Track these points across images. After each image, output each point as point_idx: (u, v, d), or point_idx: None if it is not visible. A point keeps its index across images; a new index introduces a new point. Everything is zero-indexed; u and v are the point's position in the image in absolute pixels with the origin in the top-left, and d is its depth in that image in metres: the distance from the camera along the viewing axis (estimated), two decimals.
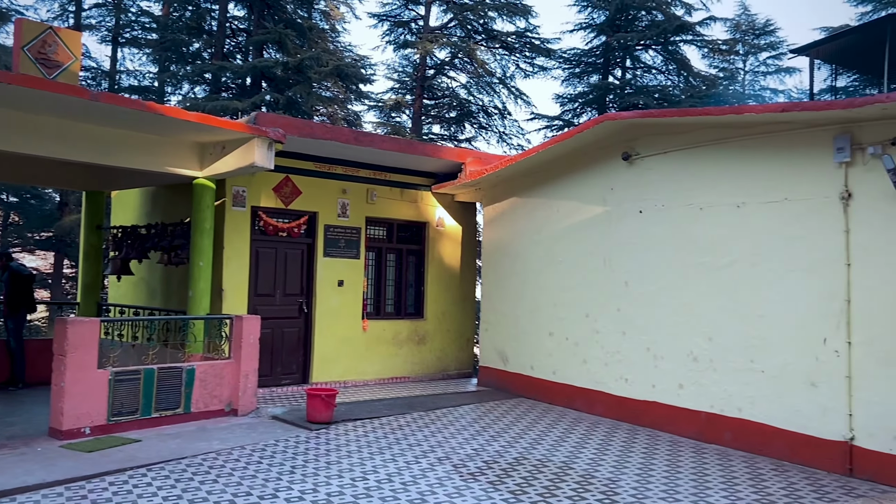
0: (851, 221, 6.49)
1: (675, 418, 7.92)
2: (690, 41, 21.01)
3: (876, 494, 5.67)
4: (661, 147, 8.48)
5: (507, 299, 10.94)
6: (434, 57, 20.55)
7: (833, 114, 6.41)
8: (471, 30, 20.60)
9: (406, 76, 21.55)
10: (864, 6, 22.95)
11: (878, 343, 6.15)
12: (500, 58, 21.20)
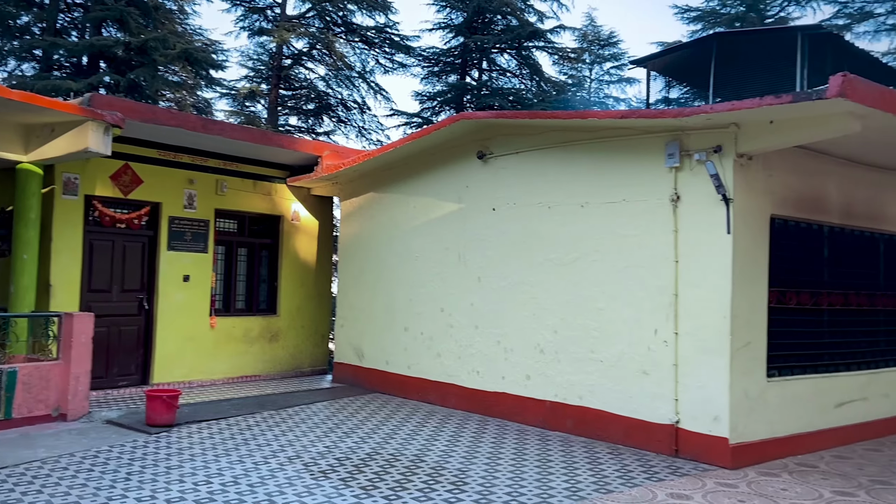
0: (680, 222, 7.04)
1: (523, 408, 8.24)
2: (542, 47, 21.96)
3: (698, 473, 6.20)
4: (513, 147, 8.77)
5: (364, 295, 10.88)
6: (291, 46, 20.02)
7: (665, 122, 6.92)
8: (330, 21, 20.28)
9: (262, 64, 20.82)
10: (695, 24, 25.11)
11: (700, 333, 6.73)
12: (359, 52, 21.04)
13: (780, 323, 7.03)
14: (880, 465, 6.60)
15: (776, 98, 5.83)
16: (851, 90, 5.35)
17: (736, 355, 6.52)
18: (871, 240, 8.19)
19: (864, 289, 8.04)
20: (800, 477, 6.10)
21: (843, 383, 7.61)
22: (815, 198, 7.45)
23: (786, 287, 7.17)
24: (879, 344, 8.18)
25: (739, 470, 6.28)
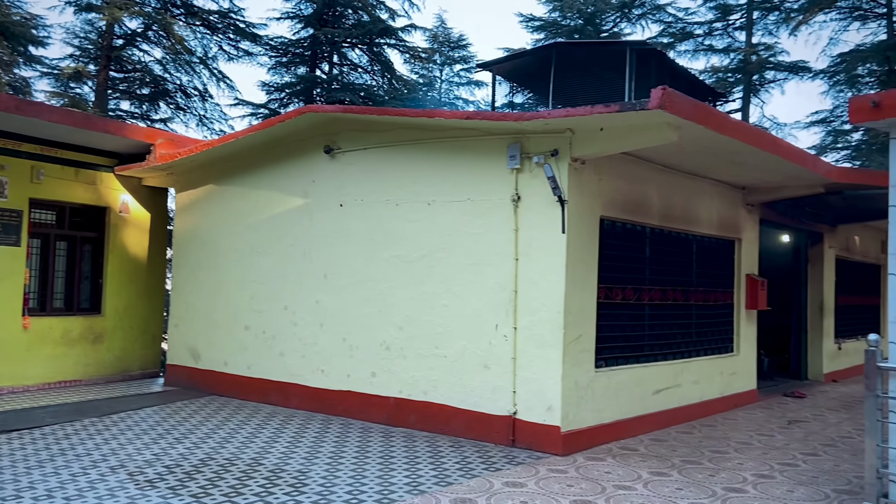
0: (520, 221, 7.32)
1: (368, 405, 8.20)
2: (394, 45, 22.02)
3: (532, 461, 6.48)
4: (362, 143, 8.70)
5: (201, 292, 10.33)
6: (124, 26, 18.59)
7: (507, 125, 7.17)
8: (168, 2, 19.06)
9: (89, 43, 19.15)
10: (539, 33, 26.33)
11: (536, 328, 7.04)
12: (201, 36, 19.96)
13: (607, 317, 7.53)
14: (691, 446, 7.26)
15: (605, 107, 6.22)
16: (670, 103, 5.82)
17: (568, 348, 6.89)
18: (685, 240, 8.97)
19: (679, 285, 8.81)
20: (622, 460, 6.56)
21: (661, 372, 8.30)
22: (639, 201, 8.04)
23: (613, 284, 7.69)
24: (692, 335, 8.99)
25: (570, 456, 6.65)
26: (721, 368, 9.47)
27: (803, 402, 10.28)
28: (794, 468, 6.44)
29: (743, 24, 26.66)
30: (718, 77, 26.70)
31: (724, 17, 26.86)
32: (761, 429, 8.22)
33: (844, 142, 27.66)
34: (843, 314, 13.31)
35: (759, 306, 10.00)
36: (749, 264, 10.13)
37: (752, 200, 10.06)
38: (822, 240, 12.72)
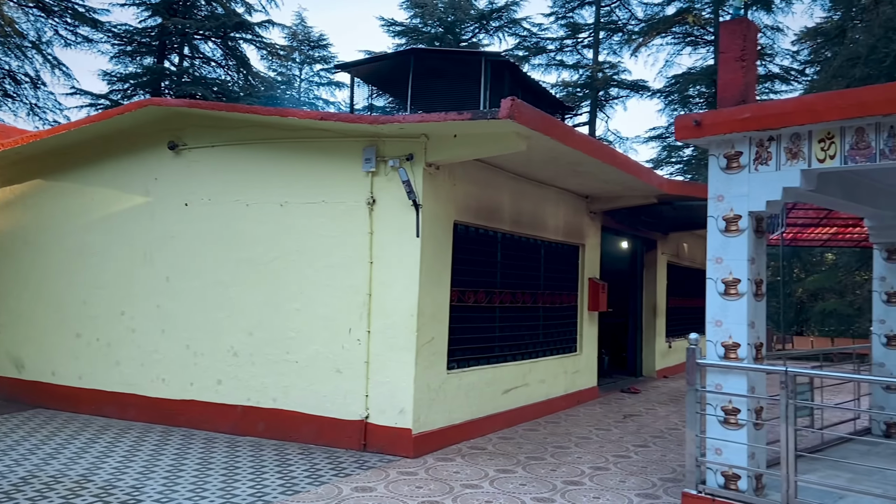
0: (375, 224, 7.31)
1: (213, 415, 7.84)
2: (250, 40, 21.31)
3: (383, 464, 6.48)
4: (210, 140, 8.32)
5: (25, 296, 9.43)
6: None
7: (362, 127, 7.14)
8: None
9: None
10: (400, 38, 26.51)
11: (390, 331, 7.06)
12: (34, 19, 18.28)
13: (460, 319, 7.70)
14: (536, 442, 7.58)
15: (458, 114, 6.37)
16: (518, 113, 6.05)
17: (421, 351, 6.96)
18: (534, 245, 9.37)
19: (528, 288, 9.18)
20: (471, 459, 6.73)
21: (510, 372, 8.60)
22: (492, 207, 8.30)
23: (466, 287, 7.87)
24: (539, 336, 9.41)
25: (420, 458, 6.72)
26: (565, 367, 9.97)
27: (638, 397, 11.06)
28: (627, 459, 6.90)
29: (591, 42, 28.34)
30: (569, 91, 28.20)
31: (574, 35, 28.45)
32: (600, 423, 8.75)
33: (677, 157, 30.17)
34: (673, 315, 14.47)
35: (601, 308, 10.65)
36: (591, 268, 10.76)
37: (594, 208, 10.70)
38: (656, 246, 13.77)
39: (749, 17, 29.02)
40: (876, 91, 4.74)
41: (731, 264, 5.40)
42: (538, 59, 28.87)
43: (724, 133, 5.39)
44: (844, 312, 25.94)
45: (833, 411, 7.84)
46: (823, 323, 27.32)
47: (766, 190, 5.28)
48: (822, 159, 5.03)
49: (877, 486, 5.41)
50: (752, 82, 5.63)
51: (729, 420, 5.27)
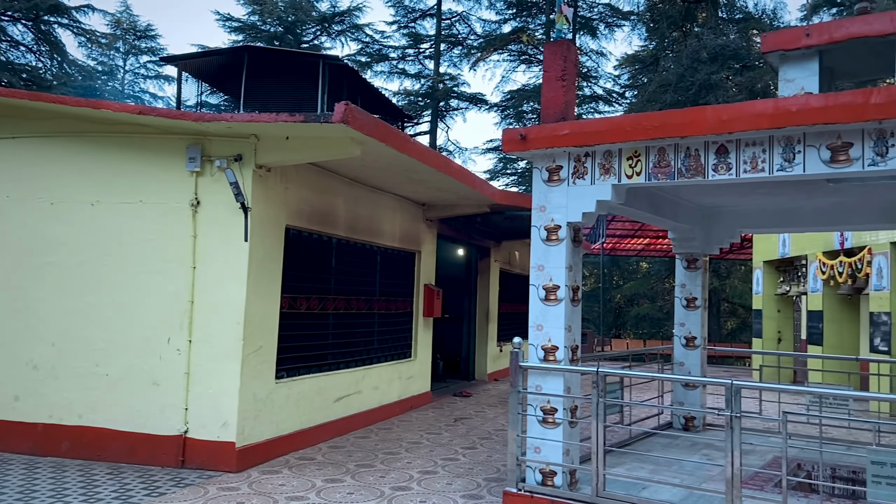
0: (199, 227, 6.93)
1: (8, 434, 7.03)
2: (66, 25, 19.54)
3: (203, 481, 6.13)
4: (9, 131, 7.49)
5: None
6: None
7: (186, 124, 6.74)
8: None
9: None
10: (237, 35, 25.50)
11: (214, 340, 6.71)
12: None
13: (290, 327, 7.49)
14: (366, 450, 7.54)
15: (290, 116, 6.20)
16: (352, 118, 6.01)
17: (247, 360, 6.69)
18: (370, 252, 9.36)
19: (363, 295, 9.14)
20: (298, 471, 6.55)
21: (343, 380, 8.50)
22: (327, 212, 8.17)
23: (298, 293, 7.68)
24: (373, 343, 9.39)
25: (244, 472, 6.44)
26: (400, 373, 10.04)
27: (469, 400, 11.38)
28: (455, 462, 7.06)
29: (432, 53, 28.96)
30: (410, 100, 28.61)
31: (416, 45, 28.94)
32: (431, 428, 8.89)
33: (513, 168, 31.61)
34: (505, 320, 15.08)
35: (435, 314, 10.84)
36: (427, 275, 10.93)
37: (431, 216, 10.88)
38: (490, 254, 14.29)
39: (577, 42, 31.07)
40: (674, 115, 5.21)
41: (552, 271, 5.70)
42: (381, 66, 29.05)
43: (546, 147, 5.68)
44: (655, 316, 28.46)
45: (641, 407, 8.52)
46: (638, 326, 29.79)
47: (582, 202, 5.64)
48: (630, 175, 5.45)
49: (675, 476, 5.94)
50: (572, 101, 5.98)
51: (547, 419, 5.54)
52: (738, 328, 28.45)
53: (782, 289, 15.92)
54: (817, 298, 13.60)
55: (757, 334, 16.65)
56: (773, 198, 7.45)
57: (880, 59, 5.38)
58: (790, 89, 5.66)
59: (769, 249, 15.81)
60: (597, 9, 31.76)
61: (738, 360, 22.38)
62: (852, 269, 12.13)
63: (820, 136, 4.73)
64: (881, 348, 11.26)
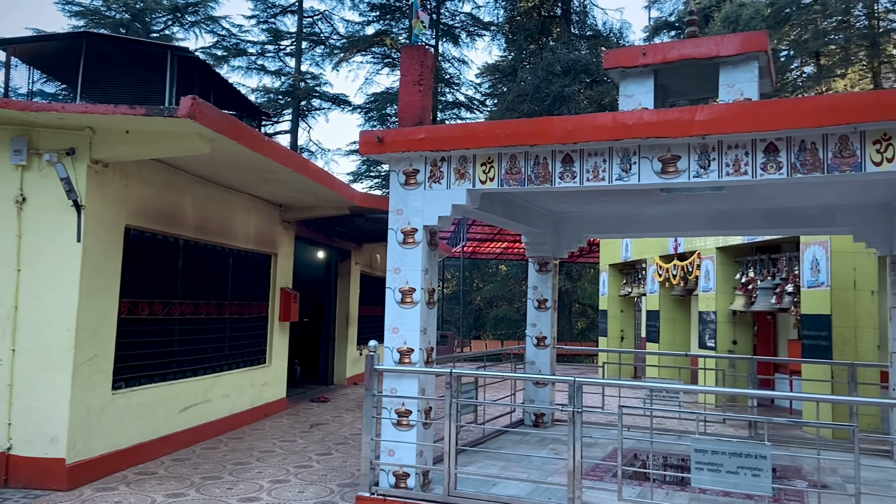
0: (25, 226, 6.33)
1: None
2: None
3: (28, 501, 5.59)
4: None
5: None
6: None
7: (11, 114, 6.12)
8: None
9: None
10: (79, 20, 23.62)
11: (41, 349, 6.14)
12: None
13: (130, 334, 7.01)
14: (214, 461, 7.20)
15: (130, 108, 5.82)
16: (200, 113, 5.72)
17: (79, 370, 6.18)
18: (222, 254, 8.96)
19: (214, 299, 8.73)
20: (137, 487, 6.13)
21: (190, 388, 8.07)
22: (173, 212, 7.73)
23: (139, 298, 7.20)
24: (225, 349, 9.00)
25: (76, 490, 5.93)
26: (253, 380, 9.69)
27: (326, 405, 11.20)
28: (309, 469, 6.91)
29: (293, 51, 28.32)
30: (270, 97, 27.83)
31: (276, 42, 28.18)
32: (285, 435, 8.65)
33: (376, 171, 31.56)
34: (365, 323, 15.00)
35: (292, 318, 10.58)
36: (284, 278, 10.64)
37: (288, 217, 10.61)
38: (351, 257, 14.16)
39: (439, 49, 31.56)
40: (525, 124, 5.41)
41: (408, 274, 5.72)
42: (238, 61, 28.04)
43: (403, 151, 5.71)
44: (513, 317, 29.49)
45: (496, 406, 8.76)
46: (497, 327, 30.73)
47: (438, 206, 5.71)
48: (484, 181, 5.59)
49: (523, 471, 6.16)
50: (429, 105, 6.05)
51: (401, 422, 5.55)
52: (587, 328, 30.10)
53: (625, 290, 17.02)
54: (655, 299, 14.67)
55: (603, 333, 17.69)
56: (615, 205, 7.93)
57: (707, 79, 5.86)
58: (629, 104, 6.03)
59: (614, 254, 16.86)
60: (459, 17, 32.50)
61: (587, 358, 23.70)
62: (684, 271, 13.19)
63: (653, 148, 5.09)
64: (709, 344, 12.34)
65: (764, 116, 4.68)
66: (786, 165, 4.76)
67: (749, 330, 12.57)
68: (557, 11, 31.22)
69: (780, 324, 12.57)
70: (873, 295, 9.25)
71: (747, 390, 7.89)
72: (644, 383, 8.25)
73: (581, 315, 31.57)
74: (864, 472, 6.26)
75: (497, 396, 9.76)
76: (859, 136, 4.57)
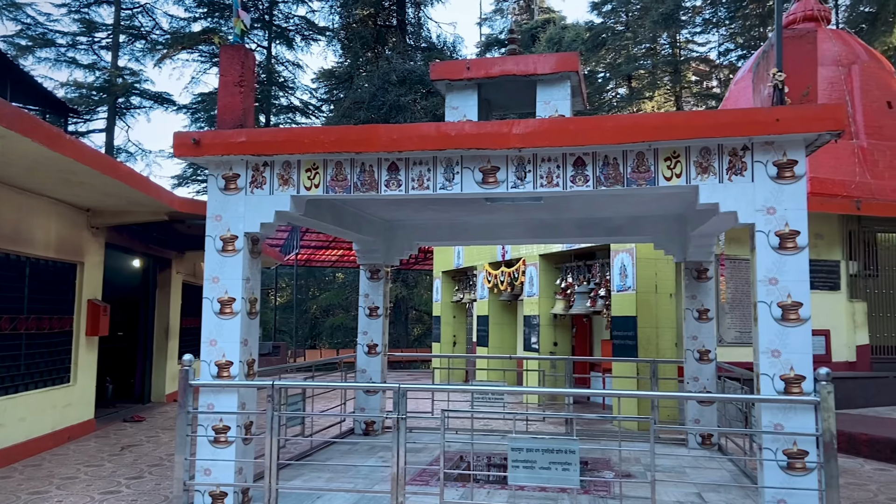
0: None
1: None
2: None
3: None
4: None
5: None
6: None
7: None
8: None
9: None
10: None
11: None
12: None
13: None
14: (7, 492, 6.41)
15: None
16: None
17: None
18: (16, 263, 8.05)
19: (6, 313, 7.82)
20: None
21: None
22: None
23: None
24: (20, 368, 8.08)
25: None
26: (55, 401, 8.78)
27: (141, 425, 10.40)
28: (117, 495, 6.36)
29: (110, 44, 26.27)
30: (82, 93, 25.61)
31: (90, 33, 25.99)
32: (92, 460, 7.91)
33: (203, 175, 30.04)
34: (187, 336, 14.15)
35: (101, 332, 9.72)
36: (92, 289, 9.76)
37: (97, 223, 9.76)
38: (171, 265, 13.31)
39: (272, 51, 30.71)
40: (351, 131, 5.37)
41: (228, 283, 5.47)
42: (45, 52, 25.53)
43: (222, 154, 5.45)
44: (350, 325, 29.28)
45: (326, 417, 8.60)
46: (333, 336, 30.35)
47: (260, 212, 5.51)
48: (309, 187, 5.48)
49: (350, 482, 6.09)
50: (251, 107, 5.83)
51: (219, 439, 5.28)
52: (423, 334, 30.61)
53: (457, 297, 17.49)
54: (485, 304, 15.21)
55: (436, 339, 18.04)
56: (444, 214, 8.11)
57: (527, 95, 6.17)
58: (455, 116, 6.20)
59: (447, 261, 17.27)
60: (293, 20, 31.89)
61: (423, 364, 24.07)
62: (511, 277, 13.81)
63: (474, 159, 5.26)
64: (533, 346, 12.99)
65: (572, 132, 5.00)
66: (592, 178, 5.11)
67: (568, 332, 13.41)
68: (393, 22, 31.61)
69: (595, 325, 13.52)
70: (671, 297, 10.21)
71: (562, 389, 8.38)
72: (466, 386, 8.51)
73: (418, 321, 32.05)
74: (663, 459, 6.89)
75: (328, 406, 9.60)
76: (653, 153, 5.02)
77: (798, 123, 4.63)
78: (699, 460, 6.99)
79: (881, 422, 9.22)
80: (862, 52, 14.60)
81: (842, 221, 11.66)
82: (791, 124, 4.63)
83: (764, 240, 4.75)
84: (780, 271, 4.70)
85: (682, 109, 35.10)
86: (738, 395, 7.08)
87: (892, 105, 13.82)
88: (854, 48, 14.53)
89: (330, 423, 8.45)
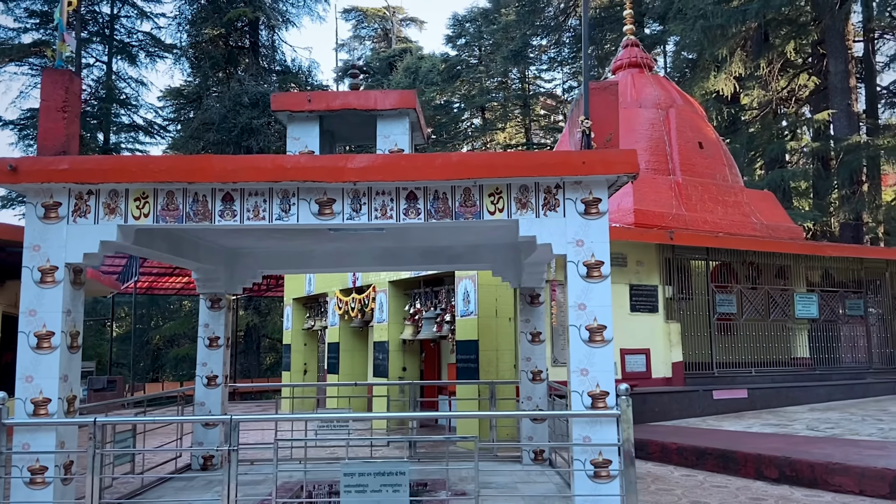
0: None
1: None
2: None
3: None
4: None
5: None
6: None
7: None
8: None
9: None
10: None
11: None
12: None
13: None
14: None
15: None
16: None
17: None
18: None
19: None
20: None
21: None
22: None
23: None
24: None
25: None
26: None
27: None
28: None
29: None
30: None
31: None
32: None
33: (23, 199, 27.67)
34: (10, 371, 12.97)
35: None
36: None
37: None
38: None
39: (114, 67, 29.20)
40: (182, 161, 5.35)
41: (46, 317, 5.22)
42: None
43: (42, 182, 5.22)
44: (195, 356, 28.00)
45: (160, 452, 8.24)
46: (178, 367, 28.83)
47: (84, 242, 5.31)
48: (138, 216, 5.35)
49: None
50: (75, 134, 5.62)
51: (35, 480, 4.98)
52: (276, 362, 29.82)
53: (308, 324, 17.33)
54: (335, 331, 15.20)
55: (286, 367, 17.73)
56: (288, 242, 8.12)
57: (369, 128, 6.39)
58: (296, 147, 6.30)
59: (298, 288, 17.10)
60: (136, 35, 30.46)
61: (274, 394, 23.44)
62: (362, 304, 13.93)
63: (311, 191, 5.39)
64: (382, 371, 13.15)
65: (404, 168, 5.28)
66: (423, 211, 5.41)
67: (417, 357, 13.72)
68: (246, 43, 31.04)
69: (443, 350, 13.93)
70: (510, 321, 10.80)
71: (405, 413, 8.60)
72: (302, 415, 8.52)
73: (271, 350, 31.17)
74: (498, 476, 7.27)
75: (165, 442, 9.19)
76: (479, 189, 5.41)
77: (600, 166, 5.19)
78: (531, 475, 7.43)
79: (690, 431, 10.24)
80: (678, 96, 16.31)
81: (659, 250, 12.86)
82: (595, 167, 5.19)
83: (574, 269, 5.25)
84: (587, 297, 5.21)
85: (532, 141, 37.13)
86: (555, 412, 7.62)
87: (703, 145, 15.54)
88: (671, 93, 16.21)
89: (164, 460, 8.12)
